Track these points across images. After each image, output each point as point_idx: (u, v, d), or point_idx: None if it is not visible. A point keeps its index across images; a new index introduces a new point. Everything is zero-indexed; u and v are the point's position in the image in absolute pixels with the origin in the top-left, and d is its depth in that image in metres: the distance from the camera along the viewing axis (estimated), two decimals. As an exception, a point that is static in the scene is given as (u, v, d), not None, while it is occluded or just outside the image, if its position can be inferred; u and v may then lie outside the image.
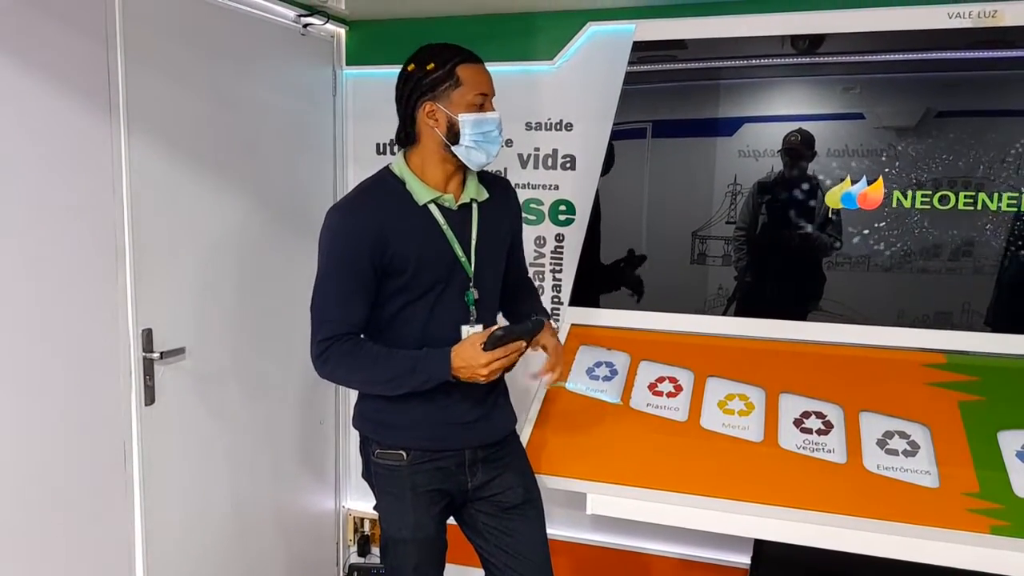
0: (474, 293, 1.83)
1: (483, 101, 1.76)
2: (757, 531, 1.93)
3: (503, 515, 1.91)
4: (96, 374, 2.06)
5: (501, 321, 1.93)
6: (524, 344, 1.75)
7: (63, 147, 1.93)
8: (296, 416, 2.91)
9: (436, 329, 1.81)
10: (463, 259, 1.81)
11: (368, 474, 1.93)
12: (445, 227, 1.80)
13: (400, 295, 1.79)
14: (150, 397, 2.21)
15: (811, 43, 2.35)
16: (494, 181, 1.96)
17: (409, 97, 1.78)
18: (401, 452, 1.83)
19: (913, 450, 1.96)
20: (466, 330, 1.82)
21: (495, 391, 1.91)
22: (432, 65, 1.75)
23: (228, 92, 2.46)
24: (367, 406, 1.90)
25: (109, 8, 2.02)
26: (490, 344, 1.66)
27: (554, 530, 2.93)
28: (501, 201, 1.93)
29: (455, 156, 1.78)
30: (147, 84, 2.13)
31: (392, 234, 1.74)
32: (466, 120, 1.74)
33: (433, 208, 1.80)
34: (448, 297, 1.81)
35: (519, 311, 2.03)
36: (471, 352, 1.69)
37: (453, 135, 1.75)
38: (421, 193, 1.79)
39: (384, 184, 1.82)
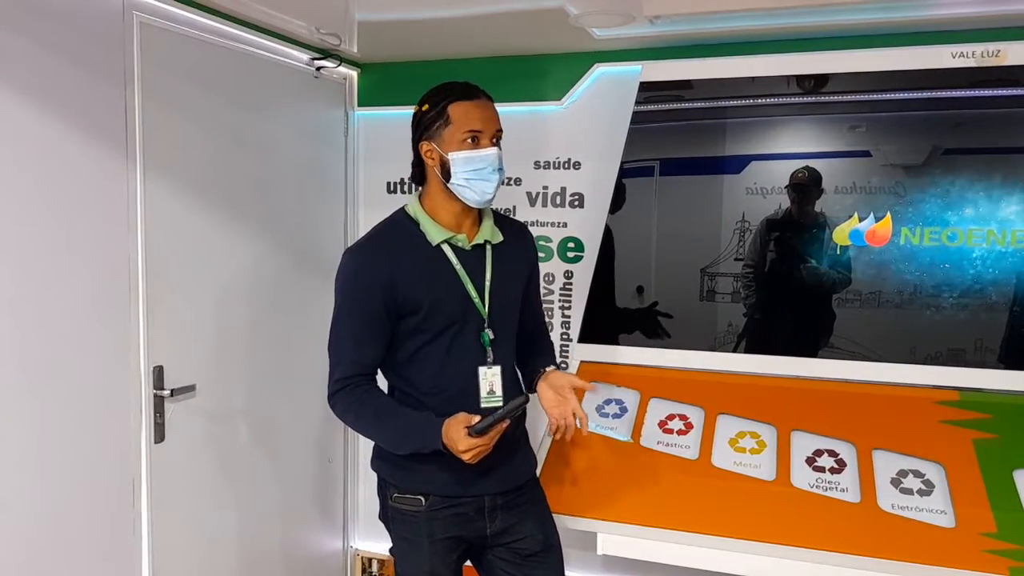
0: (489, 334, 1.82)
1: (474, 137, 1.74)
2: (770, 572, 1.90)
3: (522, 563, 1.88)
4: (106, 410, 2.07)
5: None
6: (507, 423, 1.71)
7: (80, 186, 1.97)
8: (305, 455, 2.91)
9: (453, 370, 1.80)
10: (476, 300, 1.81)
11: (385, 517, 1.90)
12: (458, 267, 1.80)
13: (415, 336, 1.79)
14: (160, 435, 2.21)
15: (816, 83, 2.38)
16: (510, 224, 1.96)
17: (414, 137, 1.82)
18: (420, 497, 1.81)
19: (928, 489, 1.93)
20: (483, 371, 1.81)
21: (515, 436, 1.88)
22: (427, 106, 1.78)
23: (242, 133, 2.51)
24: (386, 448, 1.87)
25: (128, 52, 2.07)
26: (475, 432, 1.65)
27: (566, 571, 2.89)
28: (516, 244, 1.93)
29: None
30: (163, 125, 2.18)
31: (404, 275, 1.75)
32: (455, 158, 1.73)
33: (446, 248, 1.80)
34: (463, 338, 1.80)
35: (533, 367, 1.99)
36: (455, 434, 1.66)
37: (446, 173, 1.76)
38: (434, 233, 1.79)
39: (398, 225, 1.84)
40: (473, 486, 1.80)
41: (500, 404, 1.80)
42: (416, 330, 1.78)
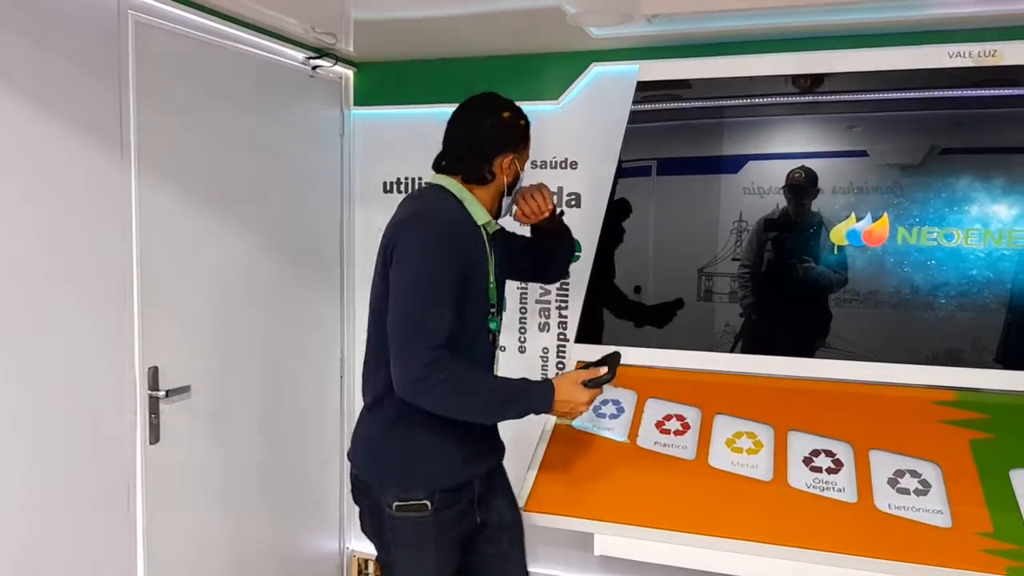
0: (498, 319, 1.88)
1: None
2: (768, 572, 1.90)
3: (500, 536, 1.93)
4: (101, 411, 2.06)
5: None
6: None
7: (74, 186, 1.95)
8: (300, 456, 2.89)
9: (474, 353, 1.81)
10: (492, 285, 1.85)
11: (378, 527, 1.83)
12: (488, 251, 1.84)
13: (457, 315, 1.73)
14: (155, 436, 2.20)
15: (813, 82, 2.38)
16: None
17: (497, 141, 1.81)
18: (425, 502, 1.76)
19: (925, 489, 1.93)
20: (497, 354, 1.88)
21: None
22: (523, 122, 1.85)
23: (238, 132, 2.50)
24: (387, 447, 1.80)
25: (122, 50, 2.06)
26: (595, 384, 1.76)
27: (561, 571, 2.89)
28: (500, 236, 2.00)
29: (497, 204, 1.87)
30: (158, 124, 2.17)
31: (474, 251, 1.79)
32: (523, 176, 1.89)
33: (483, 232, 1.84)
34: (482, 322, 1.84)
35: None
36: (573, 389, 1.76)
37: (510, 186, 1.86)
38: (481, 215, 1.83)
39: (451, 202, 1.82)
40: (472, 470, 1.83)
41: None
42: (459, 308, 1.73)
